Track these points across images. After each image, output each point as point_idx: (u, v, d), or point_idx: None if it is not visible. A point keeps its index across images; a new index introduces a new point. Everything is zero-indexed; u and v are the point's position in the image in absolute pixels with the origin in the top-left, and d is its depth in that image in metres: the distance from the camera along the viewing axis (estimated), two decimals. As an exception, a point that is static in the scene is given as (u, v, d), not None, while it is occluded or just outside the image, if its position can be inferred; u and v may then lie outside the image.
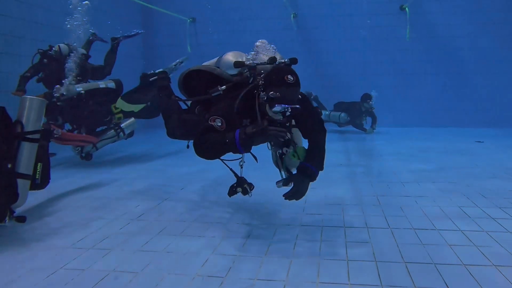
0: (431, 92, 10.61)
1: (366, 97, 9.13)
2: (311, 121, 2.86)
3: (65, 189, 4.35)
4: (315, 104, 9.47)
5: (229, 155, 2.68)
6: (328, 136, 2.98)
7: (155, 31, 11.65)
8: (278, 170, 3.11)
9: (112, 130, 5.93)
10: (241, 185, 2.82)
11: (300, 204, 3.34)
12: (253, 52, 2.90)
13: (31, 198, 3.92)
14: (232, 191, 2.85)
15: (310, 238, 2.77)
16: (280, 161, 3.02)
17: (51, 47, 5.95)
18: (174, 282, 2.17)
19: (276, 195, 3.18)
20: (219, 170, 3.87)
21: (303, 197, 2.71)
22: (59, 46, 5.93)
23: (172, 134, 3.47)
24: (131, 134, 6.29)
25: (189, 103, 3.34)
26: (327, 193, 3.90)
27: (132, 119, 6.14)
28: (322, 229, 2.95)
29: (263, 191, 3.64)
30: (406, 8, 10.27)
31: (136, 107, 5.53)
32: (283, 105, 2.41)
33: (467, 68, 10.40)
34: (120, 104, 5.38)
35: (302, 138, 3.05)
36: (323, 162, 2.82)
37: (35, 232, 3.01)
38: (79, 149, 5.69)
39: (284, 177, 2.98)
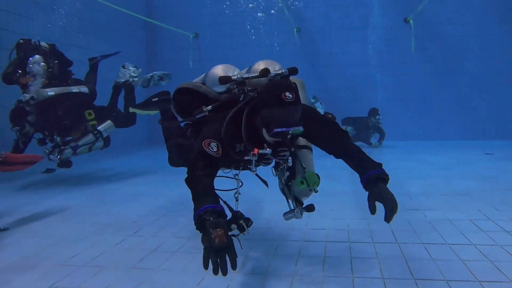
0: (437, 104, 10.49)
1: (374, 111, 9.02)
2: (326, 132, 2.39)
3: (60, 204, 4.26)
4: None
5: (222, 183, 2.45)
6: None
7: (158, 47, 11.71)
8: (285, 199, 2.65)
9: (91, 134, 5.61)
10: (237, 221, 2.30)
11: (303, 219, 3.20)
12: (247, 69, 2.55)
13: (22, 212, 3.83)
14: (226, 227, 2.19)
15: (313, 254, 2.63)
16: (286, 189, 2.58)
17: (29, 40, 5.53)
18: (168, 302, 2.04)
19: (277, 208, 3.05)
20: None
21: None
22: (39, 41, 5.56)
23: (172, 161, 3.20)
24: (107, 144, 5.97)
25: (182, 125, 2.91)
26: (331, 207, 3.76)
27: (109, 121, 5.82)
28: (326, 244, 2.81)
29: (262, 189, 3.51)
30: (411, 21, 10.22)
31: (152, 112, 5.20)
32: (281, 129, 2.00)
33: (473, 80, 10.28)
34: (133, 109, 5.12)
35: (313, 161, 2.65)
36: (373, 160, 2.40)
37: (25, 248, 2.89)
38: (57, 156, 5.37)
39: (292, 207, 2.50)
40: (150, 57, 11.63)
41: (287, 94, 2.02)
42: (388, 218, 2.09)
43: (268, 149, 2.13)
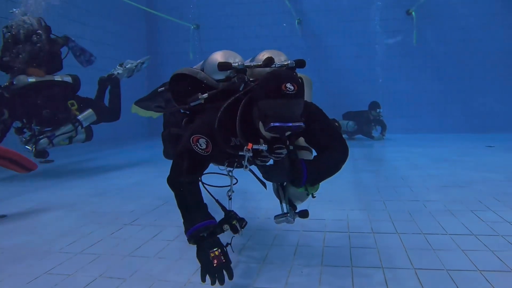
0: (439, 97, 10.44)
1: (374, 105, 8.97)
2: (325, 139, 2.20)
3: (58, 192, 4.23)
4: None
5: (214, 180, 2.34)
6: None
7: (159, 38, 11.63)
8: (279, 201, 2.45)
9: (69, 124, 5.36)
10: (229, 222, 2.13)
11: (302, 208, 3.17)
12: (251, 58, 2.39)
13: (20, 200, 3.81)
14: (219, 230, 2.07)
15: (311, 244, 2.59)
16: (281, 190, 2.37)
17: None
18: (163, 289, 2.01)
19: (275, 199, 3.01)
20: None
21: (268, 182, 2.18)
22: (24, 18, 5.13)
23: (166, 153, 3.04)
24: (89, 137, 5.74)
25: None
26: (330, 197, 3.72)
27: (90, 110, 5.53)
28: (324, 234, 2.78)
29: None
30: (413, 13, 10.13)
31: (155, 114, 4.99)
32: (279, 124, 1.83)
33: (475, 73, 10.21)
34: (135, 109, 4.92)
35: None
36: (318, 178, 2.18)
37: (21, 235, 2.87)
38: (32, 146, 5.13)
39: (285, 210, 2.30)
40: (150, 49, 11.55)
41: (288, 85, 1.84)
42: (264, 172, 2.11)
43: (263, 145, 1.96)
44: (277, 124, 1.83)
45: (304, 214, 2.27)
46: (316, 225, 2.94)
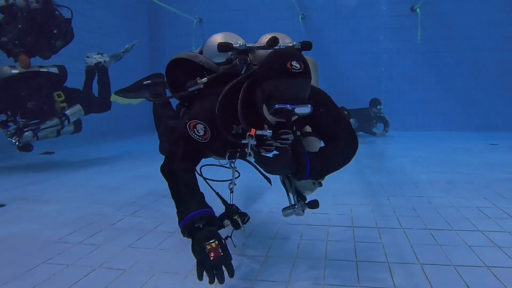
0: (442, 95, 10.36)
1: (375, 102, 8.92)
2: (333, 129, 2.04)
3: (58, 183, 4.19)
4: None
5: (215, 174, 2.22)
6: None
7: (162, 32, 11.56)
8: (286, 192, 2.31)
9: (56, 118, 5.15)
10: (231, 217, 1.99)
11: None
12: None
13: (20, 190, 3.77)
14: (219, 225, 1.94)
15: (315, 238, 2.55)
16: (288, 181, 2.23)
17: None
18: (164, 281, 1.96)
19: (279, 192, 2.96)
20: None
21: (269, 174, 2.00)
22: None
23: (163, 148, 2.86)
24: (78, 129, 5.55)
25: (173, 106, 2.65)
26: (334, 192, 3.68)
27: (78, 105, 5.32)
28: (328, 228, 2.74)
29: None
30: (417, 9, 10.05)
31: (134, 101, 4.84)
32: (284, 106, 1.69)
33: (479, 70, 10.14)
34: (114, 98, 4.79)
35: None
36: (322, 172, 2.01)
37: (21, 224, 2.83)
38: (16, 138, 4.94)
39: (293, 202, 2.17)
40: (153, 42, 11.50)
41: (294, 63, 1.69)
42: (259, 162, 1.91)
43: (268, 130, 1.80)
44: (282, 106, 1.68)
45: (313, 204, 2.12)
46: (320, 220, 2.90)
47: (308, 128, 2.22)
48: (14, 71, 4.89)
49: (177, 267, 2.11)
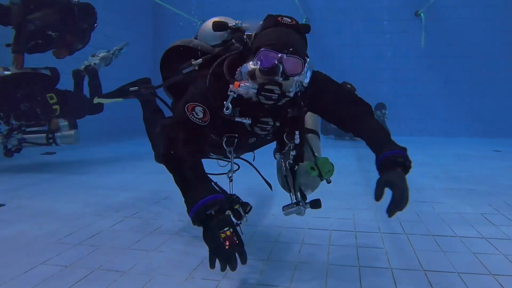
0: (446, 100, 10.32)
1: (380, 106, 8.89)
2: (345, 105, 1.97)
3: (58, 184, 4.17)
4: None
5: (212, 166, 2.14)
6: (337, 143, 2.43)
7: (165, 33, 11.57)
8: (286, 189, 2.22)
9: (44, 136, 5.04)
10: (231, 207, 1.89)
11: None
12: None
13: (20, 190, 3.75)
14: (228, 206, 1.80)
15: (317, 242, 2.52)
16: (290, 177, 2.10)
17: None
18: (163, 283, 1.93)
19: (281, 194, 2.93)
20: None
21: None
22: None
23: (158, 156, 2.65)
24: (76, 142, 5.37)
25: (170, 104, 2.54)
26: (335, 196, 3.64)
27: (72, 132, 5.15)
28: (330, 232, 2.70)
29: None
30: (421, 14, 10.03)
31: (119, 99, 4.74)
32: (270, 51, 1.61)
33: (483, 76, 10.09)
34: (97, 100, 4.71)
35: (320, 145, 2.31)
36: (394, 142, 1.93)
37: (20, 224, 2.80)
38: (4, 141, 4.94)
39: (295, 200, 2.06)
40: (157, 44, 11.49)
41: (286, 18, 1.70)
42: (391, 210, 1.70)
43: (253, 85, 1.67)
44: (268, 50, 1.61)
45: (316, 204, 2.01)
46: (321, 224, 2.86)
47: (308, 123, 2.21)
48: (7, 73, 4.86)
49: (176, 270, 2.08)
